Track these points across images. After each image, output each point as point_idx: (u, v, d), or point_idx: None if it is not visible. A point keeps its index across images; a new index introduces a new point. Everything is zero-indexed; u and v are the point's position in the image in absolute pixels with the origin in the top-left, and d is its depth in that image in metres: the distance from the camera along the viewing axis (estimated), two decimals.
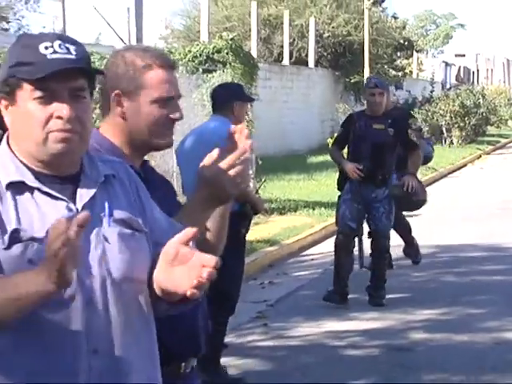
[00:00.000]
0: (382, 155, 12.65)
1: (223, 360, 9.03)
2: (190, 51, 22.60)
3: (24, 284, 3.23)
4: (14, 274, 3.29)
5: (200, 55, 22.66)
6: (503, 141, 49.97)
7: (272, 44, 39.44)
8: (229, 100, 9.45)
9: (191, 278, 3.30)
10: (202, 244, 4.26)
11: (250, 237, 10.95)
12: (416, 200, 12.66)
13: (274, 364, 10.38)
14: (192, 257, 3.35)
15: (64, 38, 3.57)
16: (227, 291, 8.79)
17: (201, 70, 21.75)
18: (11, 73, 3.48)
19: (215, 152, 4.09)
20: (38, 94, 3.44)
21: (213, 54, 22.84)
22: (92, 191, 3.53)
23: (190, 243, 3.42)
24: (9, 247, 3.36)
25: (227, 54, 23.16)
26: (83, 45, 3.64)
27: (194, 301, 3.52)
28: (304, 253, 17.20)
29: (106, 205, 3.54)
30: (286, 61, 37.63)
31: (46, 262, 3.11)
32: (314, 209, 17.98)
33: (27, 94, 3.45)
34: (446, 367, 10.19)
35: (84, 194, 3.51)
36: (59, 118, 3.43)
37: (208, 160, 4.11)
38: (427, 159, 15.61)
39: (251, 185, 7.13)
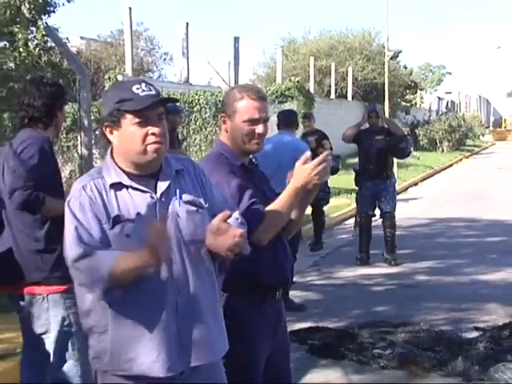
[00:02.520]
0: (383, 156, 12.52)
1: (290, 293, 9.03)
2: (269, 89, 22.60)
3: (133, 260, 3.43)
4: (126, 253, 3.46)
5: (276, 92, 22.65)
6: (477, 149, 49.80)
7: (323, 84, 39.26)
8: (294, 121, 9.50)
9: (226, 244, 3.49)
10: (289, 220, 4.41)
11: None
12: None
13: (324, 295, 10.37)
14: (228, 230, 3.50)
15: (145, 81, 3.71)
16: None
17: (276, 101, 21.72)
18: (116, 107, 3.57)
19: (307, 155, 4.15)
20: (137, 120, 3.56)
21: (284, 91, 22.81)
22: (167, 183, 3.67)
23: (228, 220, 3.57)
24: (112, 227, 3.52)
25: (294, 91, 23.14)
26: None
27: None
28: (344, 223, 17.21)
29: (177, 191, 3.68)
30: (332, 96, 37.51)
31: (148, 246, 3.35)
32: (350, 193, 17.99)
33: (129, 120, 3.56)
34: (438, 298, 10.14)
35: (162, 186, 3.65)
36: (153, 134, 3.57)
37: (303, 160, 4.13)
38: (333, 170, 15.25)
39: None
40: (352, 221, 15.08)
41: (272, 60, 42.37)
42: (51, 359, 5.05)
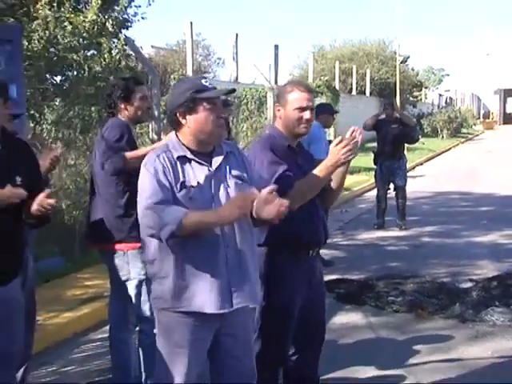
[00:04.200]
0: (397, 141, 12.49)
1: (321, 251, 9.03)
2: None
3: (218, 214, 3.55)
4: (209, 210, 3.59)
5: None
6: (470, 136, 49.03)
7: (346, 83, 39.04)
8: (320, 112, 9.36)
9: (274, 212, 3.52)
10: (329, 190, 4.46)
11: None
12: None
13: (348, 253, 10.35)
14: (274, 200, 3.52)
15: (206, 78, 3.86)
16: None
17: None
18: (193, 96, 3.62)
19: (339, 138, 4.14)
20: (210, 106, 3.64)
21: (315, 88, 22.66)
22: (220, 159, 3.72)
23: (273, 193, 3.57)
24: (180, 191, 3.57)
25: (323, 88, 23.03)
26: None
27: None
28: (363, 195, 17.12)
29: (227, 168, 3.74)
30: (353, 92, 37.34)
31: (232, 206, 3.50)
32: (369, 171, 17.87)
33: (203, 106, 3.63)
34: (440, 256, 10.12)
35: (215, 162, 3.71)
36: (221, 118, 3.66)
37: (336, 142, 4.13)
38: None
39: None
40: (369, 194, 15.07)
41: (305, 63, 42.31)
42: (132, 300, 5.12)
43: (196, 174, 3.65)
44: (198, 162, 3.68)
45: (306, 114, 4.37)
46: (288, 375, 4.79)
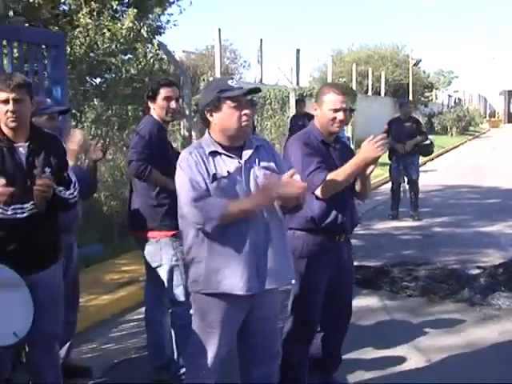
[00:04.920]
0: (411, 138, 12.41)
1: None
2: None
3: (252, 201, 3.61)
4: (243, 198, 3.64)
5: None
6: (477, 134, 48.58)
7: (362, 84, 38.82)
8: None
9: (294, 193, 3.60)
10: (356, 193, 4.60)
11: None
12: None
13: (365, 242, 10.27)
14: (295, 182, 3.60)
15: (233, 78, 3.83)
16: None
17: None
18: (217, 95, 3.64)
19: (371, 136, 4.17)
20: (234, 104, 3.64)
21: None
22: (249, 152, 3.74)
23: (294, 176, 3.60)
24: (212, 182, 3.58)
25: None
26: None
27: (298, 207, 3.79)
28: (379, 188, 17.00)
29: (257, 160, 3.75)
30: (369, 93, 37.16)
31: (261, 192, 3.57)
32: (383, 166, 17.71)
33: (227, 105, 3.64)
34: (450, 244, 10.08)
35: (245, 155, 3.73)
36: (246, 115, 3.65)
37: (368, 140, 4.17)
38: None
39: None
40: (384, 187, 15.00)
41: (324, 66, 42.16)
42: (165, 284, 5.13)
43: (227, 166, 3.67)
44: (228, 156, 3.70)
45: (340, 115, 4.41)
46: (313, 354, 4.78)
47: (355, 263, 8.61)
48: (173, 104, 5.13)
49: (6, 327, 3.62)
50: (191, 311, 3.98)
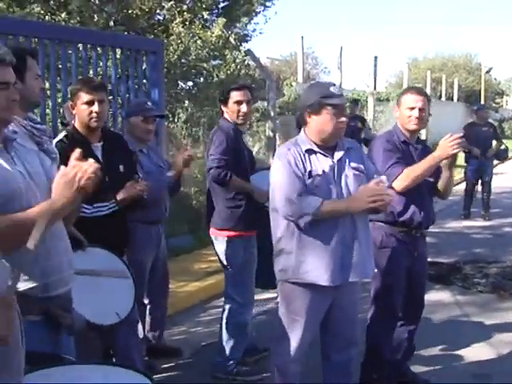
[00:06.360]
0: (487, 144, 12.25)
1: None
2: (398, 94, 22.21)
3: (348, 204, 3.63)
4: (340, 200, 3.65)
5: None
6: None
7: (436, 90, 38.18)
8: None
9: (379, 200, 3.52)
10: (438, 191, 4.59)
11: None
12: None
13: (438, 240, 10.02)
14: (381, 190, 3.54)
15: (335, 84, 3.78)
16: None
17: None
18: (319, 100, 3.63)
19: (448, 135, 4.20)
20: (334, 111, 3.64)
21: None
22: (341, 153, 3.74)
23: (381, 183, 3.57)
24: (308, 178, 3.58)
25: None
26: None
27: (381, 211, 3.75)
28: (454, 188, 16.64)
29: (347, 161, 3.75)
30: (443, 98, 36.59)
31: (358, 198, 3.57)
32: (456, 168, 17.43)
33: (327, 110, 3.63)
34: None
35: (337, 155, 3.73)
36: (342, 122, 3.68)
37: (446, 136, 4.19)
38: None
39: None
40: (457, 188, 14.69)
41: (400, 72, 41.81)
42: (228, 280, 5.15)
43: (321, 164, 3.68)
44: (322, 155, 3.71)
45: (415, 113, 4.40)
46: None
47: (428, 259, 8.57)
48: (244, 107, 4.99)
49: (111, 308, 3.76)
50: (278, 299, 3.99)
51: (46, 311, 2.53)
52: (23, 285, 2.39)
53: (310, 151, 3.70)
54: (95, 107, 3.98)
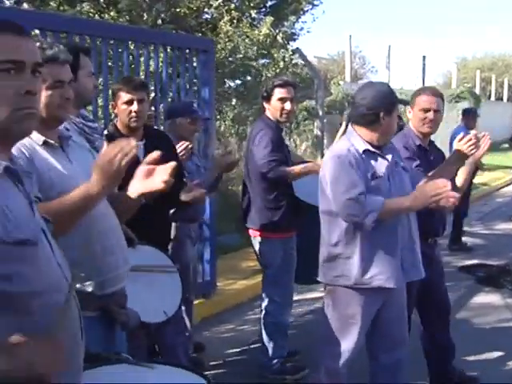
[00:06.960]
0: None
1: (463, 238, 8.80)
2: (447, 93, 22.05)
3: (411, 201, 3.56)
4: (401, 198, 3.60)
5: (452, 95, 22.01)
6: None
7: (486, 90, 37.77)
8: (463, 115, 9.31)
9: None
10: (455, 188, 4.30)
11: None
12: None
13: (487, 241, 9.97)
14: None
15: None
16: None
17: (453, 101, 21.09)
18: (394, 101, 3.66)
19: (461, 135, 4.06)
20: (395, 115, 3.69)
21: (458, 94, 22.07)
22: (390, 156, 3.69)
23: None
24: (371, 180, 3.56)
25: (466, 94, 22.45)
26: None
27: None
28: (500, 191, 16.45)
29: (396, 160, 3.76)
30: (492, 98, 36.10)
31: (429, 189, 3.48)
32: (505, 169, 17.28)
33: (395, 113, 3.69)
34: None
35: (389, 157, 3.69)
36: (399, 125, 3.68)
37: (458, 138, 4.02)
38: None
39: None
40: (506, 189, 14.52)
41: (448, 72, 41.35)
42: (267, 281, 5.15)
43: (380, 165, 3.64)
44: (379, 155, 3.67)
45: (430, 115, 4.30)
46: (425, 347, 4.77)
47: (477, 261, 8.52)
48: (287, 105, 4.89)
49: (160, 306, 3.77)
50: (326, 302, 3.86)
51: (102, 308, 2.56)
52: (79, 284, 2.42)
53: (366, 152, 3.64)
54: (134, 107, 3.97)
